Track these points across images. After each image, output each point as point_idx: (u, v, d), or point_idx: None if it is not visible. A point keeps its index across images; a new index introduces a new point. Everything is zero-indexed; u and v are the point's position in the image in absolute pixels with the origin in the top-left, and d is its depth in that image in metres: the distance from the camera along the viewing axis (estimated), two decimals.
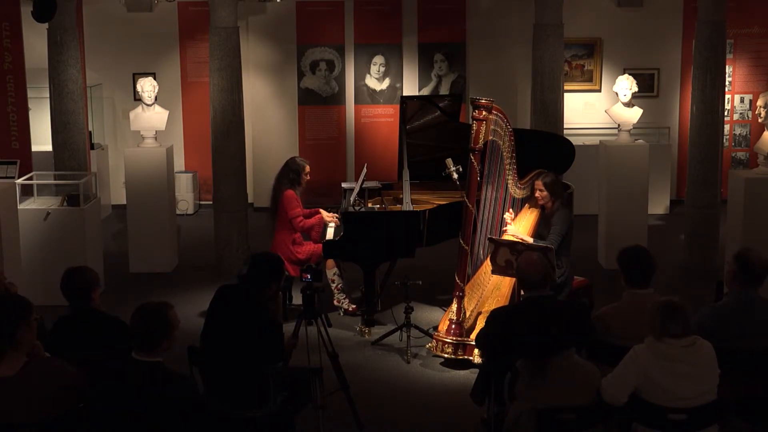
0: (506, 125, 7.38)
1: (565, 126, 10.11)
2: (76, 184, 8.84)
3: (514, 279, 6.91)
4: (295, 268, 7.88)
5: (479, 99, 7.23)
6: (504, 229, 7.51)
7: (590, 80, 12.70)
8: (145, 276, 9.60)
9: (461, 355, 7.20)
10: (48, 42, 9.37)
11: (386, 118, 12.60)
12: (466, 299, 7.37)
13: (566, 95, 10.34)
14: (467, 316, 7.32)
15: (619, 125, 9.99)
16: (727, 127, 11.94)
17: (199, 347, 5.49)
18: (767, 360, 5.07)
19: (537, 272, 5.35)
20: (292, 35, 12.61)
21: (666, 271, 9.13)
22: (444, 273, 8.42)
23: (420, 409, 6.56)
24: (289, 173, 8.19)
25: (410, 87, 12.62)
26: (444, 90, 12.55)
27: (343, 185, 8.86)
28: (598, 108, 12.32)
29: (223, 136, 9.63)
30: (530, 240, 7.31)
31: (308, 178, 8.30)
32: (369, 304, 8.04)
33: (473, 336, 7.09)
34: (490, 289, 7.34)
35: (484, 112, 7.20)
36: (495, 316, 5.56)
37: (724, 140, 11.10)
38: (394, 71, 12.63)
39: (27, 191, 9.06)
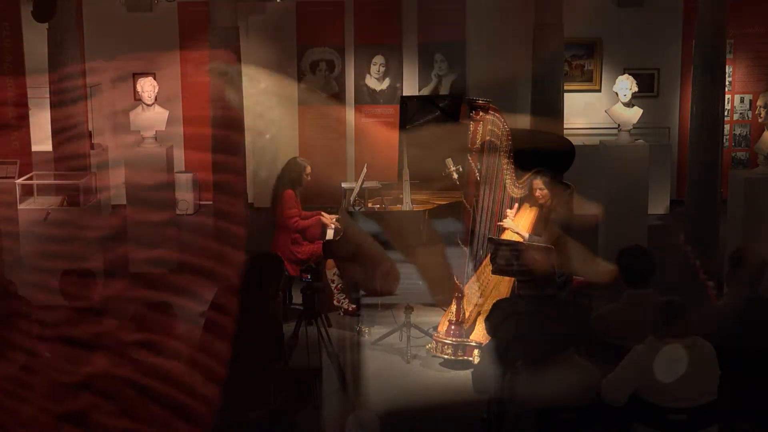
0: (503, 125, 7.37)
1: (565, 126, 10.10)
2: (76, 184, 8.83)
3: (513, 279, 6.91)
4: (295, 267, 7.89)
5: (476, 100, 7.24)
6: (502, 222, 7.51)
7: (590, 80, 12.69)
8: (145, 276, 9.58)
9: (461, 356, 7.20)
10: (48, 42, 9.36)
11: (386, 118, 12.59)
12: (465, 300, 7.37)
13: (566, 95, 10.33)
14: (467, 316, 7.32)
15: (619, 125, 9.98)
16: (727, 127, 11.92)
17: None
18: (767, 360, 5.07)
19: (537, 272, 5.35)
20: (292, 35, 12.60)
21: (666, 271, 9.12)
22: (444, 273, 8.40)
23: (420, 409, 6.56)
24: (290, 174, 8.21)
25: (410, 87, 12.61)
26: (444, 90, 12.53)
27: (343, 185, 8.87)
28: (598, 108, 12.31)
29: (223, 136, 9.62)
30: (526, 234, 7.32)
31: (309, 178, 8.32)
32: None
33: (473, 336, 7.10)
34: (490, 290, 7.34)
35: (480, 113, 7.20)
36: (497, 305, 5.50)
37: (724, 140, 11.09)
38: (394, 71, 12.63)
39: (27, 191, 9.06)
